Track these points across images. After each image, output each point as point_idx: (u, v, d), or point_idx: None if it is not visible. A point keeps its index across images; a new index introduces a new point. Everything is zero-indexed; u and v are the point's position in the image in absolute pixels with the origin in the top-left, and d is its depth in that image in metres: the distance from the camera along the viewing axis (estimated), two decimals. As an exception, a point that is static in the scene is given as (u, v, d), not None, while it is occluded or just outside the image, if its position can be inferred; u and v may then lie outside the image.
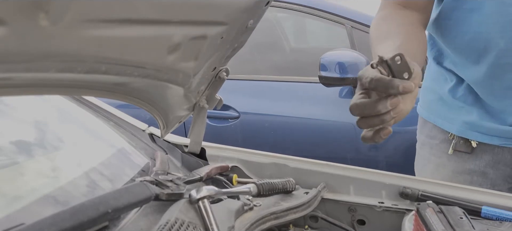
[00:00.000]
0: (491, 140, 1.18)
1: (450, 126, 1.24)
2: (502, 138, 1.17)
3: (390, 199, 1.07)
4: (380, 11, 1.19)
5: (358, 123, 0.82)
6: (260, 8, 0.85)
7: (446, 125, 1.25)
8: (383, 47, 1.00)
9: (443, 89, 1.26)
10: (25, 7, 0.45)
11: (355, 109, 0.80)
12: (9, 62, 0.49)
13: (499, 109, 1.16)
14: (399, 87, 0.75)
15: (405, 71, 0.76)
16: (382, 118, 0.79)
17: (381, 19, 1.15)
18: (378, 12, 1.19)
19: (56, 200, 0.80)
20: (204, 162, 1.17)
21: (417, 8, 1.14)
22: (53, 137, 1.05)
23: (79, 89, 0.70)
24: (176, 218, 0.76)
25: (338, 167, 1.14)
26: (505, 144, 1.18)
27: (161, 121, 1.00)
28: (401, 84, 0.75)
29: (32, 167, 0.89)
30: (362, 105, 0.79)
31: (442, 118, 1.26)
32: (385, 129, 0.81)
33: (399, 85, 0.75)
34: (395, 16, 1.13)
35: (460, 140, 1.21)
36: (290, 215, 0.96)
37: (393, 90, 0.76)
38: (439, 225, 0.86)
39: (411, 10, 1.14)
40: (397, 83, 0.76)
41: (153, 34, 0.66)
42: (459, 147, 1.21)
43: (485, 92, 1.17)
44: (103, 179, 0.95)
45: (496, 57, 1.10)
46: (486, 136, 1.18)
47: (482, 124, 1.18)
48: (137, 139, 1.23)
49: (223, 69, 1.00)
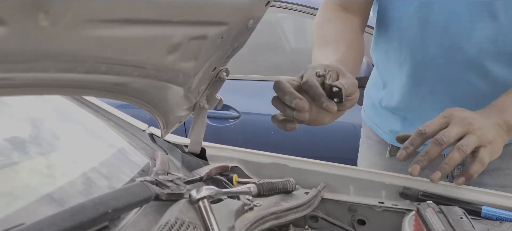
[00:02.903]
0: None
1: (382, 132, 1.31)
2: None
3: (390, 199, 1.07)
4: (322, 11, 1.22)
5: (272, 99, 0.85)
6: (260, 8, 0.85)
7: (378, 131, 1.32)
8: (326, 53, 1.04)
9: (375, 96, 1.32)
10: (25, 7, 0.45)
11: (275, 88, 0.82)
12: (9, 62, 0.49)
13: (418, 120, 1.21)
14: (323, 104, 0.79)
15: (337, 98, 0.79)
16: (288, 111, 0.82)
17: (325, 21, 1.19)
18: (321, 12, 1.22)
19: (56, 200, 0.80)
20: (204, 162, 1.17)
21: (355, 12, 1.18)
22: (53, 137, 1.05)
23: (79, 89, 0.70)
24: (176, 218, 0.76)
25: (338, 167, 1.14)
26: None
27: (161, 121, 1.00)
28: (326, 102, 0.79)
29: (31, 167, 0.89)
30: (283, 88, 0.81)
31: (375, 124, 1.33)
32: (291, 122, 0.84)
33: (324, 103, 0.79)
34: (338, 21, 1.17)
35: (393, 147, 1.29)
36: (290, 215, 0.96)
37: (317, 103, 0.80)
38: (439, 225, 0.86)
39: (351, 14, 1.18)
40: (323, 100, 0.79)
41: (153, 34, 0.66)
42: (393, 152, 1.29)
43: (405, 102, 1.23)
44: (103, 179, 0.95)
45: (413, 69, 1.16)
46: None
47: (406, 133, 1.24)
48: (137, 139, 1.23)
49: (223, 69, 1.00)
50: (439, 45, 1.11)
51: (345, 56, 1.01)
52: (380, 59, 1.29)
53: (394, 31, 1.18)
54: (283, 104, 0.82)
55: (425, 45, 1.13)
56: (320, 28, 1.18)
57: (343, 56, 1.01)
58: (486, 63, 1.10)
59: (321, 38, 1.14)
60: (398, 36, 1.17)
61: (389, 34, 1.20)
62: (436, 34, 1.11)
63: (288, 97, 0.79)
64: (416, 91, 1.19)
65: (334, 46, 1.06)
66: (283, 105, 0.82)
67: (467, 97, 1.14)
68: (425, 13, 1.10)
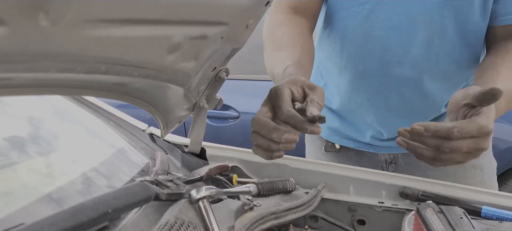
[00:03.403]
0: (349, 143, 1.36)
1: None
2: (361, 143, 1.34)
3: (390, 199, 1.07)
4: (273, 13, 1.25)
5: (252, 136, 0.83)
6: (260, 8, 0.85)
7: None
8: (281, 55, 1.06)
9: None
10: (25, 7, 0.45)
11: (255, 125, 0.81)
12: (9, 62, 0.49)
13: (355, 120, 1.31)
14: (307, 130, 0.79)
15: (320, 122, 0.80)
16: (271, 144, 0.80)
17: (277, 24, 1.20)
18: (272, 14, 1.25)
19: (56, 200, 0.80)
20: (204, 162, 1.17)
21: (305, 16, 1.21)
22: (53, 137, 1.05)
23: (79, 89, 0.70)
24: (176, 218, 0.76)
25: (338, 167, 1.14)
26: (363, 148, 1.34)
27: (161, 121, 1.00)
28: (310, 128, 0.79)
29: (31, 167, 0.89)
30: (265, 126, 0.80)
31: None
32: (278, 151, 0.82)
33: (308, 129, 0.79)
34: (290, 23, 1.19)
35: (328, 142, 1.39)
36: (290, 215, 0.96)
37: (301, 130, 0.79)
38: (439, 225, 0.86)
39: (301, 17, 1.21)
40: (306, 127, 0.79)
41: (153, 34, 0.66)
42: (328, 148, 1.40)
43: (344, 106, 1.30)
44: (103, 179, 0.95)
45: (354, 77, 1.22)
46: (346, 140, 1.36)
47: (343, 132, 1.35)
48: (137, 139, 1.23)
49: (223, 69, 1.00)
50: (379, 58, 1.17)
51: (300, 59, 1.04)
52: (322, 60, 1.33)
53: (337, 39, 1.22)
54: (266, 139, 0.80)
55: (366, 57, 1.18)
56: (272, 31, 1.20)
57: (299, 59, 1.03)
58: (421, 78, 1.18)
59: (274, 41, 1.16)
60: (340, 44, 1.22)
61: (331, 40, 1.25)
62: (376, 48, 1.16)
63: (276, 135, 0.78)
64: (354, 97, 1.26)
65: (289, 50, 1.08)
66: (266, 141, 0.80)
67: (400, 107, 1.22)
68: (368, 28, 1.15)
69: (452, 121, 0.86)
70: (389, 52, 1.15)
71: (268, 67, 1.12)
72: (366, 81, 1.22)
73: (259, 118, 0.81)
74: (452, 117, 0.86)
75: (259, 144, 0.82)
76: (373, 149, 1.33)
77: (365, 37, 1.16)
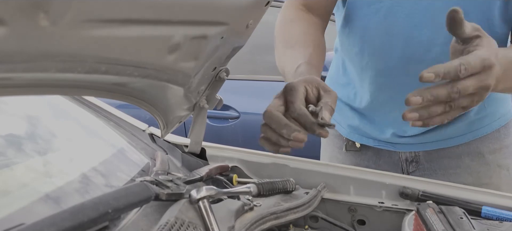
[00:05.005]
0: (368, 142, 1.32)
1: (339, 127, 1.36)
2: (381, 142, 1.31)
3: (390, 199, 1.07)
4: (285, 10, 1.24)
5: (262, 127, 0.83)
6: (260, 8, 0.85)
7: (336, 125, 1.36)
8: (293, 53, 1.06)
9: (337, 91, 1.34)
10: (25, 7, 0.45)
11: (267, 118, 0.82)
12: (9, 62, 0.49)
13: (376, 118, 1.28)
14: (315, 132, 0.80)
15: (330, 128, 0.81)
16: (280, 140, 0.81)
17: (289, 21, 1.20)
18: (283, 11, 1.24)
19: (55, 200, 0.80)
20: (204, 162, 1.17)
21: (317, 14, 1.21)
22: (53, 137, 1.05)
23: (79, 89, 0.70)
24: (176, 218, 0.76)
25: (338, 167, 1.14)
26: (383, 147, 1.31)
27: (161, 121, 1.00)
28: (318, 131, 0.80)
29: (31, 167, 0.89)
30: (277, 120, 0.80)
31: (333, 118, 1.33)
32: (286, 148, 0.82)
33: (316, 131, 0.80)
34: (302, 21, 1.18)
35: (349, 141, 1.35)
36: (290, 215, 0.96)
37: (309, 131, 0.80)
38: (439, 225, 0.86)
39: (314, 15, 1.20)
40: (315, 128, 0.80)
41: (153, 34, 0.66)
42: (349, 147, 1.36)
43: (366, 104, 1.27)
44: (103, 179, 0.95)
45: (376, 75, 1.21)
46: (366, 139, 1.32)
47: (363, 129, 1.31)
48: (137, 139, 1.23)
49: (223, 69, 1.00)
50: (401, 56, 1.15)
51: (312, 57, 1.04)
52: (343, 60, 1.33)
53: (356, 38, 1.21)
54: (276, 133, 0.81)
55: (388, 55, 1.16)
56: (284, 28, 1.20)
57: (310, 57, 1.03)
58: None
59: (287, 38, 1.15)
60: (360, 43, 1.20)
61: (350, 41, 1.23)
62: (398, 45, 1.14)
63: (286, 131, 0.79)
64: (377, 95, 1.24)
65: (300, 47, 1.08)
66: (276, 135, 0.81)
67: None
68: (390, 24, 1.14)
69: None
70: (411, 49, 1.13)
71: (279, 63, 1.12)
72: (388, 80, 1.20)
73: (272, 112, 0.81)
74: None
75: (268, 137, 0.82)
76: (393, 147, 1.30)
77: (386, 34, 1.14)
